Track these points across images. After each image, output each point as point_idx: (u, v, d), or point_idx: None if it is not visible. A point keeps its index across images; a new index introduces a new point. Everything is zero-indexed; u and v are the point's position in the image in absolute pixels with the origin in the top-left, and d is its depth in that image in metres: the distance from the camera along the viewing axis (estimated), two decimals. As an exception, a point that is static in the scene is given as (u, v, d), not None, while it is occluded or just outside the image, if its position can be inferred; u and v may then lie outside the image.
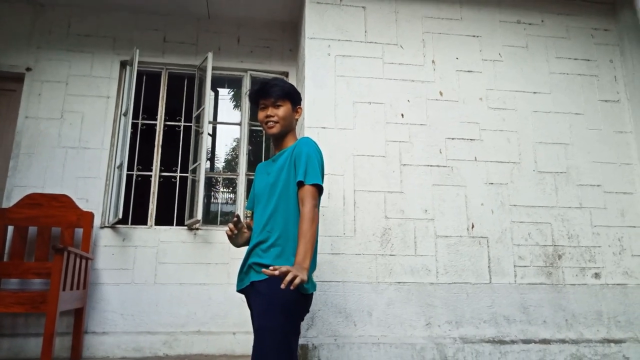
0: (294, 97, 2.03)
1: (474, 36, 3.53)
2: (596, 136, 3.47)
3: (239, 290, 1.93)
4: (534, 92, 3.48)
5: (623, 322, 3.13)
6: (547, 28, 3.64)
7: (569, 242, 3.23)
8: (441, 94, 3.37)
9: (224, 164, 14.18)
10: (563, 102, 3.49)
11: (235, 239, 1.98)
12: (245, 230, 2.00)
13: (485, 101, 3.40)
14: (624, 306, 3.16)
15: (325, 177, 2.38)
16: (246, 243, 2.01)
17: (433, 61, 3.43)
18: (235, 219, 1.92)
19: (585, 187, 3.35)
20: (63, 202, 3.44)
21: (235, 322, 3.47)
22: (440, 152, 3.25)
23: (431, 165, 3.22)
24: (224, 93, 9.68)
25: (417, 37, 3.46)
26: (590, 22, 3.71)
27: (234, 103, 10.74)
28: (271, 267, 1.54)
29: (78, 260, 3.06)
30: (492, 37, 3.55)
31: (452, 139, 3.29)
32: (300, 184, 1.83)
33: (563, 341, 2.99)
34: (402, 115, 3.28)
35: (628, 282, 3.21)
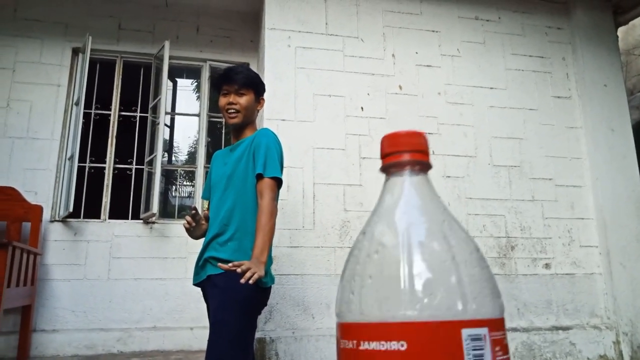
0: (258, 87, 1.99)
1: (433, 31, 3.57)
2: (549, 131, 3.58)
3: (196, 284, 1.90)
4: (491, 88, 3.56)
5: (571, 310, 3.26)
6: (503, 25, 3.72)
7: (522, 234, 3.33)
8: (401, 87, 3.40)
9: (186, 156, 13.89)
10: (518, 98, 3.59)
11: (193, 232, 1.94)
12: (203, 222, 1.96)
13: (443, 96, 3.45)
14: (571, 295, 3.29)
15: (284, 169, 2.37)
16: (204, 234, 1.97)
17: (393, 55, 3.45)
18: (192, 211, 1.88)
19: (537, 180, 3.46)
20: (9, 194, 3.28)
21: (193, 317, 3.41)
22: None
23: (390, 159, 3.24)
24: (184, 84, 9.47)
25: (377, 30, 3.47)
26: (545, 20, 3.81)
27: (195, 94, 10.52)
28: (230, 264, 1.52)
29: (25, 255, 2.93)
30: (450, 32, 3.60)
31: (411, 132, 3.32)
32: (259, 177, 1.80)
33: (515, 329, 3.09)
34: (362, 108, 3.29)
35: (576, 272, 3.35)
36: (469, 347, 0.38)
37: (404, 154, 0.48)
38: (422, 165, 0.48)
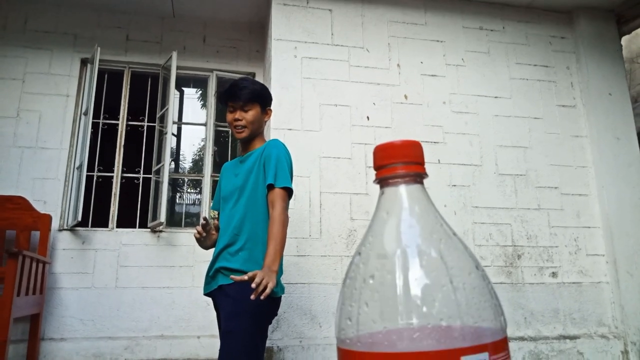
0: (263, 99, 1.99)
1: (438, 41, 3.60)
2: (554, 140, 3.60)
3: (206, 294, 1.91)
4: (495, 97, 3.58)
5: (578, 319, 3.25)
6: (508, 35, 3.75)
7: (528, 242, 3.33)
8: (406, 97, 3.42)
9: (191, 164, 13.94)
10: (523, 107, 3.61)
11: (203, 242, 1.96)
12: (213, 232, 1.98)
13: (448, 105, 3.48)
14: (578, 304, 3.28)
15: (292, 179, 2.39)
16: (214, 244, 1.98)
17: (398, 65, 3.48)
18: (203, 221, 1.90)
19: (543, 189, 3.46)
20: (18, 203, 3.31)
21: (200, 326, 3.42)
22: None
23: (396, 168, 3.25)
24: (190, 93, 9.53)
25: (383, 40, 3.51)
26: (549, 30, 3.84)
27: (201, 103, 10.58)
28: (243, 276, 1.53)
29: (34, 264, 2.95)
30: (455, 42, 3.63)
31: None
32: (271, 187, 1.82)
33: (522, 339, 3.08)
34: (368, 117, 3.32)
35: (583, 280, 3.34)
36: None
37: (398, 165, 0.46)
38: (417, 176, 0.47)
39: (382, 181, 0.47)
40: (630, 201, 3.46)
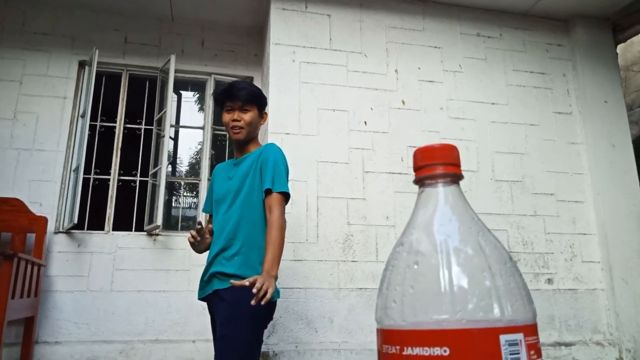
0: (261, 102, 2.00)
1: (435, 47, 3.62)
2: (550, 146, 3.61)
3: (201, 298, 1.90)
4: (492, 103, 3.60)
5: (573, 325, 3.26)
6: (505, 41, 3.78)
7: (524, 249, 3.34)
8: (403, 102, 3.44)
9: (187, 167, 13.92)
10: (519, 113, 3.63)
11: (197, 246, 1.95)
12: (208, 237, 1.97)
13: (445, 111, 3.49)
14: (574, 310, 3.29)
15: (288, 183, 2.39)
16: (208, 248, 1.98)
17: (396, 70, 3.49)
18: (198, 226, 1.89)
19: (539, 195, 3.48)
20: (14, 205, 3.29)
21: (195, 330, 3.41)
22: (402, 160, 3.31)
23: (393, 173, 3.27)
24: (187, 96, 9.52)
25: (381, 46, 3.52)
26: (545, 37, 3.87)
27: (198, 106, 10.58)
28: (242, 281, 1.52)
29: (29, 266, 2.93)
30: (453, 48, 3.65)
31: (414, 147, 3.36)
32: (268, 192, 1.82)
33: (517, 345, 3.08)
34: (365, 122, 3.33)
35: (578, 287, 3.35)
36: (506, 351, 0.41)
37: (438, 166, 0.50)
38: (455, 177, 0.51)
39: (422, 180, 0.51)
40: (625, 208, 3.47)
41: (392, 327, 0.45)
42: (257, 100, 1.97)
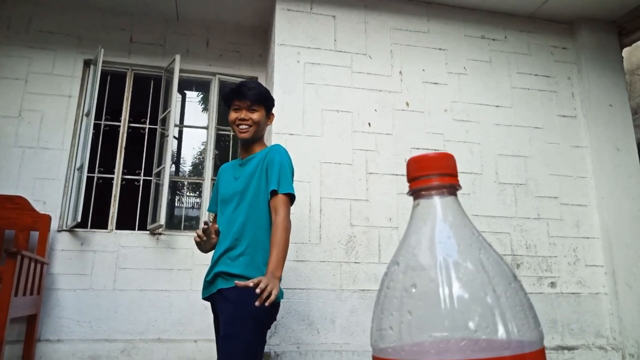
0: (269, 103, 2.01)
1: (440, 49, 3.61)
2: (554, 150, 3.60)
3: (205, 298, 1.90)
4: (496, 106, 3.59)
5: (576, 329, 3.25)
6: (509, 44, 3.77)
7: (527, 252, 3.33)
8: (407, 104, 3.43)
9: (190, 167, 13.94)
10: (523, 116, 3.62)
11: (202, 245, 1.95)
12: (213, 236, 1.96)
13: (449, 113, 3.49)
14: (577, 314, 3.28)
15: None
16: (213, 248, 1.98)
17: (400, 72, 3.49)
18: (205, 226, 1.89)
19: (543, 198, 3.47)
20: (18, 203, 3.30)
21: (197, 330, 3.41)
22: (406, 162, 3.30)
23: (396, 175, 3.26)
24: (192, 96, 9.54)
25: (385, 47, 3.52)
26: (550, 40, 3.86)
27: (202, 106, 10.60)
28: (247, 282, 1.52)
29: (32, 264, 2.94)
30: (457, 50, 3.64)
31: (418, 149, 3.35)
32: (274, 193, 1.82)
33: (520, 348, 3.07)
34: (369, 124, 3.32)
35: (581, 291, 3.34)
36: None
37: (433, 177, 0.46)
38: (452, 188, 0.47)
39: (417, 192, 0.48)
40: (629, 212, 3.46)
41: (390, 357, 0.41)
42: (266, 101, 1.97)
